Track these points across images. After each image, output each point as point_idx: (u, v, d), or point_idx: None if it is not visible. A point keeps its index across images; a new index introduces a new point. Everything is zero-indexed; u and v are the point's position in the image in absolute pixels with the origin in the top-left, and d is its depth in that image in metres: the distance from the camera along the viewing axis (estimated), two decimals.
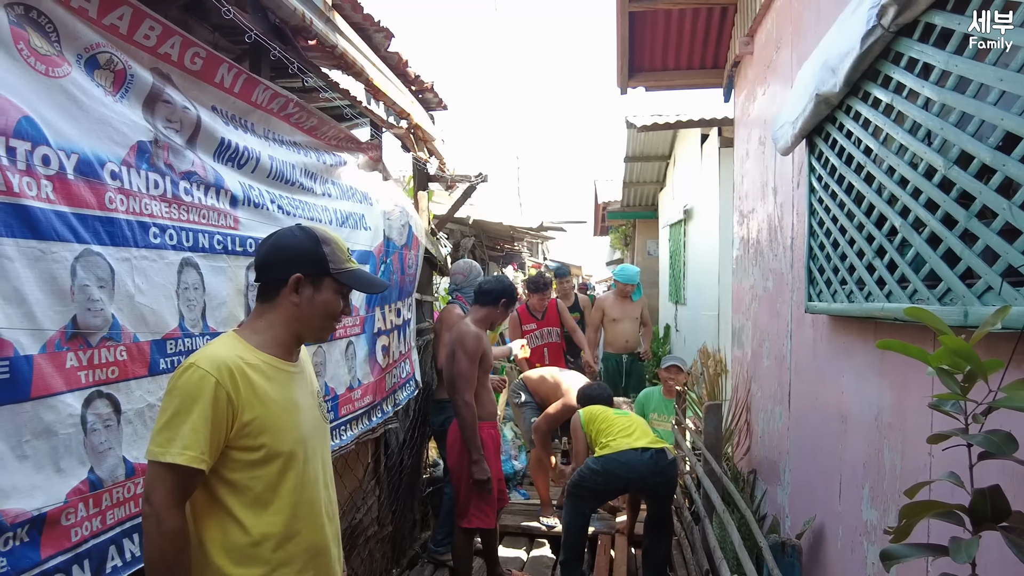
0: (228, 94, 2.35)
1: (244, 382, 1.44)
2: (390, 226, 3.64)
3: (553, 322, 5.68)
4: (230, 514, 1.45)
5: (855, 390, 2.32)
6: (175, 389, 1.40)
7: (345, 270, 1.61)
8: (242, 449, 1.44)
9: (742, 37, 4.25)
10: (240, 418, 1.43)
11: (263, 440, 1.46)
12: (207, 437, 1.37)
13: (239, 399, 1.42)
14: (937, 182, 1.60)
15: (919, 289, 1.70)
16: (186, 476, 1.36)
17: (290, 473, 1.51)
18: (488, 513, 3.39)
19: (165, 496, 1.33)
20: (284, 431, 1.50)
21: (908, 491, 1.31)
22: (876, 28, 1.81)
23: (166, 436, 1.36)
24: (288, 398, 1.54)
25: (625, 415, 3.70)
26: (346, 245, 1.66)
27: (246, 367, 1.46)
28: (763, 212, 3.76)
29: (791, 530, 3.03)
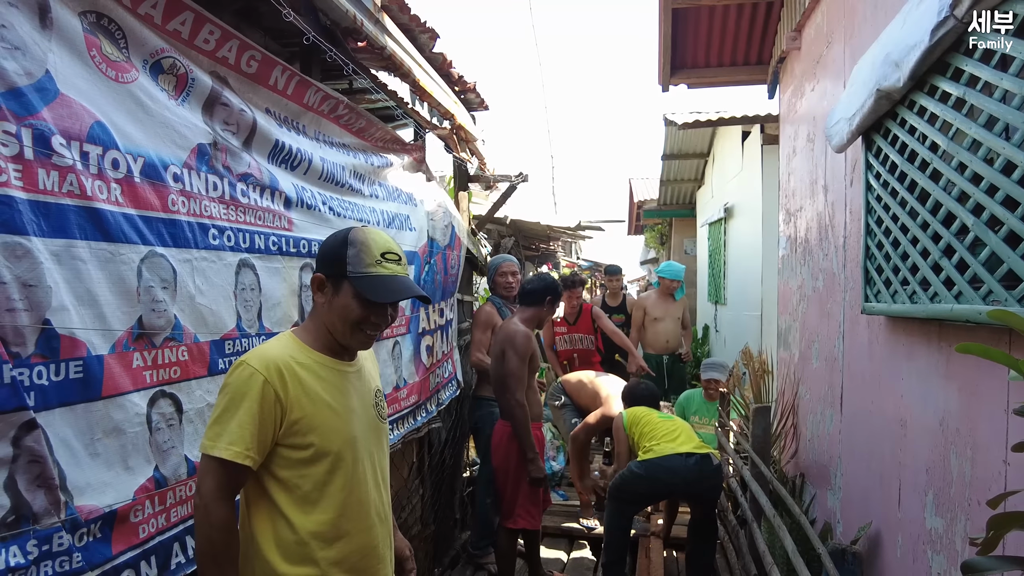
0: (281, 96, 2.38)
1: (293, 380, 1.45)
2: (434, 227, 3.65)
3: (586, 329, 5.52)
4: (279, 511, 1.46)
5: (917, 394, 2.25)
6: (227, 386, 1.43)
7: (363, 275, 1.50)
8: (291, 447, 1.45)
9: (789, 32, 4.16)
10: (289, 416, 1.44)
11: (311, 439, 1.47)
12: (253, 434, 1.39)
13: (287, 397, 1.43)
14: (1017, 178, 1.54)
15: (995, 290, 1.64)
16: (232, 471, 1.38)
17: (339, 472, 1.51)
18: (534, 514, 3.37)
19: (213, 488, 1.36)
20: (333, 430, 1.50)
21: (991, 501, 1.26)
22: (948, 19, 1.75)
23: (216, 431, 1.39)
24: (339, 398, 1.54)
25: (669, 418, 3.65)
26: (387, 248, 1.55)
27: (296, 366, 1.47)
28: (812, 210, 3.67)
29: (843, 536, 2.96)
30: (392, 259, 1.56)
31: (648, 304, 6.10)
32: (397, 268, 1.56)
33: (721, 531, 4.14)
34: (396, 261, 1.57)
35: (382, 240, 1.56)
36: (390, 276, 1.53)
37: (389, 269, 1.54)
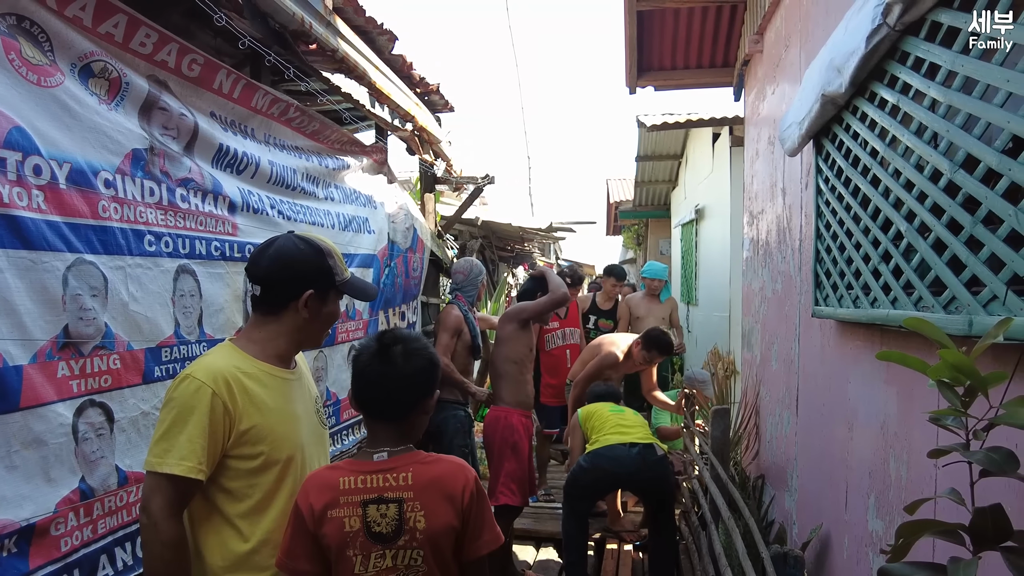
0: (227, 100, 2.35)
1: (240, 391, 1.44)
2: (394, 229, 3.63)
3: (575, 322, 5.51)
4: (229, 522, 1.44)
5: (862, 397, 2.27)
6: (172, 400, 1.40)
7: (346, 280, 1.63)
8: (240, 458, 1.44)
9: (752, 35, 4.19)
10: (237, 427, 1.43)
11: (261, 448, 1.46)
12: (204, 447, 1.37)
13: (236, 409, 1.42)
14: (943, 186, 1.55)
15: (924, 296, 1.65)
16: (183, 486, 1.36)
17: (288, 480, 1.51)
18: (515, 491, 3.46)
19: (163, 506, 1.34)
20: (282, 438, 1.50)
21: (909, 507, 1.27)
22: (882, 27, 1.76)
23: (163, 447, 1.36)
24: (286, 406, 1.54)
25: (620, 411, 3.64)
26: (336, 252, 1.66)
27: (243, 376, 1.46)
28: (772, 213, 3.70)
29: (798, 537, 2.98)
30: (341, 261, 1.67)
31: (633, 304, 6.07)
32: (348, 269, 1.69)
33: (685, 532, 4.16)
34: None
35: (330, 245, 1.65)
36: (357, 278, 1.70)
37: (348, 272, 1.66)
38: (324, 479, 1.46)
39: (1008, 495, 1.32)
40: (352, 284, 1.65)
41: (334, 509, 1.42)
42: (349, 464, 1.49)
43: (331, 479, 1.45)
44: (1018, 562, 1.04)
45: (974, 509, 1.13)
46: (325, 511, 1.42)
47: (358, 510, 1.42)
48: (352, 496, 1.43)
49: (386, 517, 1.44)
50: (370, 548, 1.42)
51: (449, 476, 1.48)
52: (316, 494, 1.44)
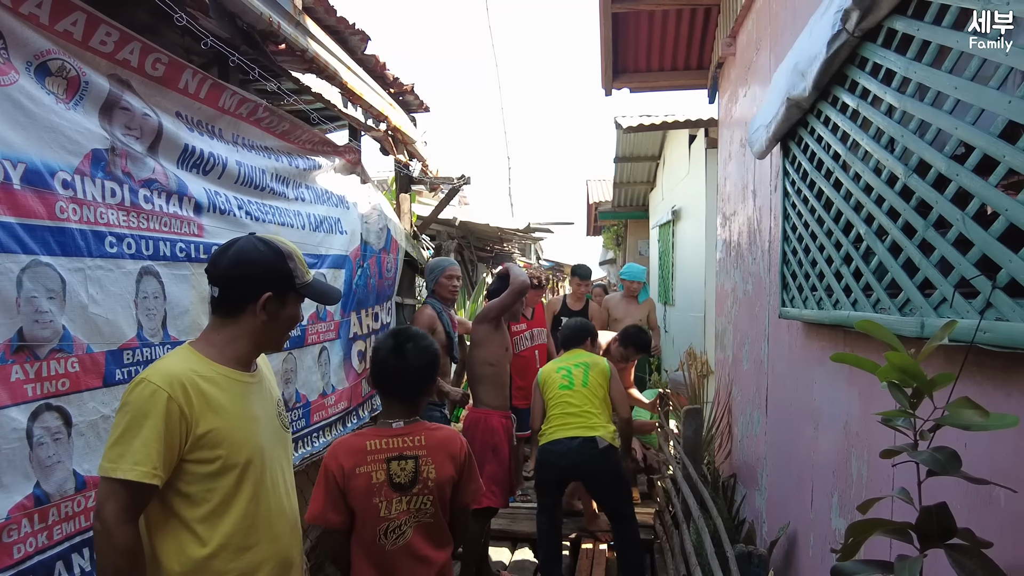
0: (193, 100, 2.32)
1: (197, 395, 1.42)
2: (368, 230, 3.61)
3: (542, 323, 5.52)
4: (187, 527, 1.43)
5: (826, 398, 2.31)
6: (127, 404, 1.38)
7: (307, 283, 1.61)
8: (198, 462, 1.42)
9: (725, 38, 4.23)
10: (195, 431, 1.41)
11: (219, 452, 1.44)
12: (159, 452, 1.35)
13: (192, 412, 1.41)
14: (898, 190, 1.58)
15: (882, 298, 1.68)
16: (138, 492, 1.34)
17: (247, 483, 1.49)
18: (496, 492, 3.48)
19: (117, 512, 1.31)
20: (240, 442, 1.48)
21: (861, 506, 1.29)
22: (841, 32, 1.79)
23: (117, 451, 1.34)
24: (244, 409, 1.52)
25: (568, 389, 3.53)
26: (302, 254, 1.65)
27: (200, 380, 1.45)
28: (744, 215, 3.74)
29: (767, 536, 3.01)
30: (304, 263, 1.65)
31: (611, 305, 6.08)
32: (311, 272, 1.67)
33: (659, 531, 4.19)
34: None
35: (292, 247, 1.63)
36: (319, 281, 1.70)
37: (310, 275, 1.65)
38: (352, 444, 1.89)
39: (956, 494, 1.34)
40: (313, 287, 1.64)
41: (362, 466, 1.84)
42: (372, 431, 1.93)
43: (359, 444, 1.88)
44: (961, 559, 1.07)
45: (920, 508, 1.16)
46: (354, 468, 1.83)
47: (383, 465, 1.86)
48: (378, 455, 1.87)
49: (405, 470, 1.87)
50: (392, 495, 1.85)
51: (451, 440, 1.97)
52: (345, 456, 1.86)
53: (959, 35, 1.28)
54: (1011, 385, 1.21)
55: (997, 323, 1.14)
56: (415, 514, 1.88)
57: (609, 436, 3.41)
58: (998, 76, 1.17)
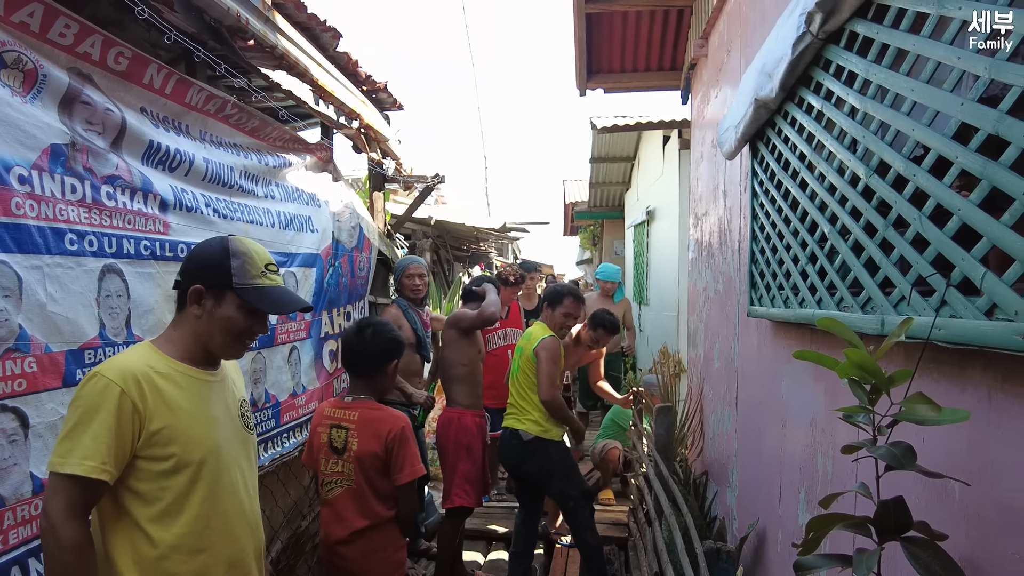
0: (159, 95, 2.29)
1: (152, 391, 1.40)
2: (340, 228, 3.58)
3: (518, 323, 5.50)
4: (138, 526, 1.40)
5: (793, 395, 2.34)
6: (79, 398, 1.35)
7: (251, 286, 1.52)
8: (150, 459, 1.40)
9: (697, 40, 4.27)
10: (148, 427, 1.39)
11: (172, 450, 1.42)
12: (110, 447, 1.32)
13: (146, 408, 1.38)
14: (860, 190, 1.61)
15: (845, 297, 1.71)
16: (86, 487, 1.31)
17: (201, 483, 1.46)
18: (469, 492, 3.51)
19: (63, 508, 1.28)
20: (195, 440, 1.46)
21: (823, 501, 1.31)
22: (806, 35, 1.81)
23: (66, 446, 1.31)
24: (201, 407, 1.50)
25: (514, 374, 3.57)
26: (268, 259, 1.58)
27: (156, 376, 1.42)
28: (715, 215, 3.78)
29: (738, 532, 3.05)
30: (273, 270, 1.59)
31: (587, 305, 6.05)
32: (279, 279, 1.60)
33: (633, 529, 4.22)
34: (276, 272, 1.60)
35: (263, 251, 1.58)
36: (277, 288, 1.57)
37: (273, 280, 1.57)
38: (322, 407, 2.40)
39: (914, 488, 1.37)
40: (260, 292, 1.53)
41: (320, 427, 2.34)
42: (334, 401, 2.38)
43: (323, 408, 2.38)
44: (916, 551, 1.09)
45: (878, 502, 1.18)
46: (315, 427, 2.36)
47: (328, 430, 2.31)
48: (328, 420, 2.33)
49: (340, 438, 2.29)
50: (330, 456, 2.29)
51: (381, 421, 2.26)
52: (316, 416, 2.39)
53: (916, 38, 1.31)
54: (965, 380, 1.23)
55: (951, 320, 1.16)
56: (344, 477, 2.26)
57: (536, 428, 3.39)
58: (951, 79, 1.19)
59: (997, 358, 1.13)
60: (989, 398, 1.16)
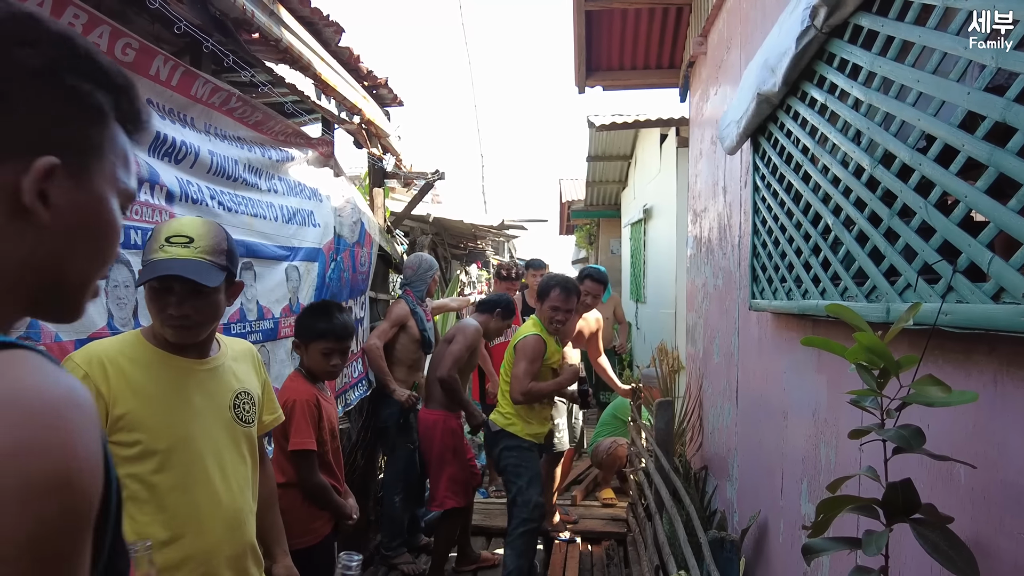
0: (165, 87, 2.29)
1: (117, 375, 1.40)
2: (341, 223, 3.59)
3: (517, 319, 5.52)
4: None
5: (795, 386, 2.36)
6: None
7: (146, 263, 1.47)
8: (118, 444, 1.40)
9: (696, 37, 4.29)
10: (113, 412, 1.39)
11: (137, 436, 1.41)
12: None
13: (110, 392, 1.39)
14: (865, 181, 1.63)
15: (849, 286, 1.73)
16: None
17: (169, 472, 1.44)
18: (459, 492, 3.60)
19: None
20: (163, 427, 1.45)
21: (830, 485, 1.33)
22: (810, 29, 1.84)
23: None
24: (174, 395, 1.48)
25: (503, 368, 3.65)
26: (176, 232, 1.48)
27: (126, 360, 1.43)
28: (714, 211, 3.80)
29: (739, 525, 3.07)
30: (178, 241, 1.46)
31: None
32: (179, 251, 1.46)
33: (633, 524, 4.24)
34: (184, 243, 1.46)
35: (176, 225, 1.50)
36: (163, 260, 1.45)
37: (168, 252, 1.45)
38: None
39: (920, 472, 1.39)
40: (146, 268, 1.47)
41: None
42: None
43: None
44: (925, 533, 1.11)
45: (887, 484, 1.20)
46: None
47: None
48: None
49: None
50: None
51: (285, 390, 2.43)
52: None
53: (921, 30, 1.33)
54: (970, 365, 1.25)
55: (958, 305, 1.18)
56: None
57: (502, 420, 3.45)
58: (957, 69, 1.21)
59: (1002, 343, 1.15)
60: (995, 382, 1.18)
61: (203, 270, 1.46)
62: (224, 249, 1.53)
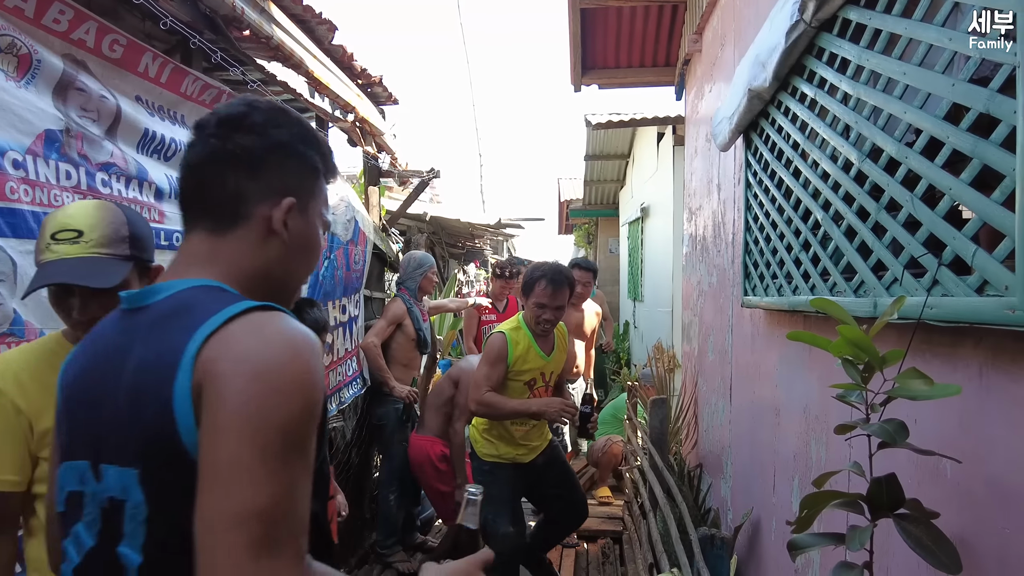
0: (154, 84, 2.28)
1: (36, 386, 1.28)
2: (334, 221, 3.59)
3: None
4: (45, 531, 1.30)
5: (787, 383, 2.35)
6: None
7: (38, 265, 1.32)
8: (46, 460, 1.27)
9: (691, 35, 4.28)
10: (38, 426, 1.27)
11: None
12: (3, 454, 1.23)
13: (30, 406, 1.27)
14: (853, 175, 1.62)
15: (839, 282, 1.72)
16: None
17: None
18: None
19: None
20: None
21: (816, 481, 1.32)
22: (799, 23, 1.83)
23: None
24: None
25: None
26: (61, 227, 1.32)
27: (47, 368, 1.28)
28: (709, 209, 3.79)
29: (732, 522, 3.06)
30: (65, 237, 1.30)
31: None
32: (67, 248, 1.29)
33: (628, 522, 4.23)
34: (72, 239, 1.30)
35: (61, 218, 1.32)
36: (50, 262, 1.29)
37: (55, 252, 1.29)
38: None
39: (907, 467, 1.38)
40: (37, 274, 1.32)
41: None
42: None
43: None
44: (908, 528, 1.10)
45: (871, 479, 1.19)
46: None
47: None
48: None
49: None
50: None
51: None
52: None
53: (908, 22, 1.32)
54: (956, 359, 1.24)
55: (943, 299, 1.17)
56: None
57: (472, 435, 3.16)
58: (942, 61, 1.20)
59: (987, 336, 1.14)
60: (980, 375, 1.17)
61: (97, 268, 1.29)
62: (125, 236, 1.34)
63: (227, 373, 0.72)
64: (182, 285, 0.84)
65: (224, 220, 0.88)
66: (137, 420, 0.77)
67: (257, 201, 0.88)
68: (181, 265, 0.88)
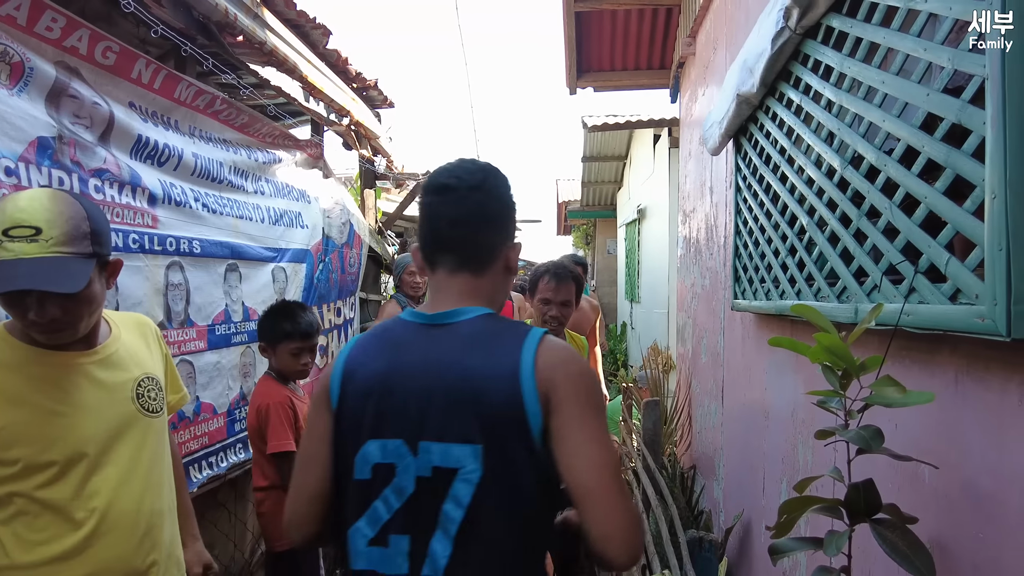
0: (147, 90, 2.30)
1: None
2: (330, 224, 3.60)
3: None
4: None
5: (776, 386, 2.37)
6: None
7: None
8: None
9: (685, 38, 4.30)
10: None
11: (16, 452, 1.23)
12: None
13: None
14: (836, 182, 1.64)
15: (822, 287, 1.74)
16: None
17: (63, 485, 1.27)
18: None
19: None
20: (50, 439, 1.26)
21: (797, 486, 1.34)
22: (784, 30, 1.84)
23: None
24: (60, 395, 1.29)
25: None
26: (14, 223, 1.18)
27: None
28: (702, 212, 3.81)
29: (724, 524, 3.08)
30: (21, 235, 1.18)
31: None
32: (25, 248, 1.18)
33: None
34: (30, 236, 1.18)
35: (12, 211, 1.19)
36: (6, 262, 1.17)
37: (10, 251, 1.17)
38: None
39: (887, 473, 1.40)
40: None
41: None
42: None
43: None
44: (884, 532, 1.12)
45: (849, 485, 1.21)
46: None
47: None
48: None
49: None
50: None
51: (258, 394, 2.38)
52: None
53: (886, 31, 1.34)
54: (934, 366, 1.26)
55: (919, 306, 1.19)
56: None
57: None
58: (919, 71, 1.22)
59: (963, 343, 1.16)
60: (956, 382, 1.19)
61: (62, 270, 1.19)
62: (86, 232, 1.24)
63: (570, 375, 1.04)
64: (472, 313, 1.12)
65: (483, 263, 1.16)
66: (485, 409, 1.02)
67: (501, 246, 1.18)
68: (454, 296, 1.15)
